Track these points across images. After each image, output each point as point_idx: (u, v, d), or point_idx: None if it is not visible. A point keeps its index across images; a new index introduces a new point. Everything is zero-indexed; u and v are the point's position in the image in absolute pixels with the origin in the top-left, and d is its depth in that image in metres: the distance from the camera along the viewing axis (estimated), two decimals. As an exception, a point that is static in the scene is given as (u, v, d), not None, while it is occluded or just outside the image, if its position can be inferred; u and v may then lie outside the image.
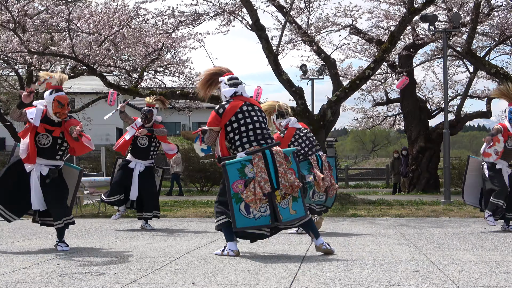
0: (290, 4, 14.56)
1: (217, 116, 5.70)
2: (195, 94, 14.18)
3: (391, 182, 22.25)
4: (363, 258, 5.46)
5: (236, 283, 4.30)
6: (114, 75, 17.89)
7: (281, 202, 5.57)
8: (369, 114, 24.43)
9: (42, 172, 6.34)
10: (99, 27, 13.88)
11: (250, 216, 5.48)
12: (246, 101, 5.77)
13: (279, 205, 5.55)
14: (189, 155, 22.13)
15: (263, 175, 5.48)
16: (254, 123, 5.67)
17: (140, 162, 8.73)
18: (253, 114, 5.72)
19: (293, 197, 5.62)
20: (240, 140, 5.61)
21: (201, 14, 14.90)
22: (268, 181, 5.49)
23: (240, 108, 5.69)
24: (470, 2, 16.62)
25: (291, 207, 5.61)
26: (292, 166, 5.69)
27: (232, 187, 5.47)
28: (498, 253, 5.85)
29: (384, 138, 70.40)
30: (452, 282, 4.31)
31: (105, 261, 5.41)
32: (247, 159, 5.53)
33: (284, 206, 5.58)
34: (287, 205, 5.60)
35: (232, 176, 5.48)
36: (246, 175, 5.50)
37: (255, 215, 5.49)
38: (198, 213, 11.61)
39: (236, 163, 5.51)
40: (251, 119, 5.68)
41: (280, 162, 5.57)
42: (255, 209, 5.48)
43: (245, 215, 5.47)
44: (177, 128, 57.68)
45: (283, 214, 5.55)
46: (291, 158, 5.72)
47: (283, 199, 5.58)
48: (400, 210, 11.77)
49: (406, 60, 18.77)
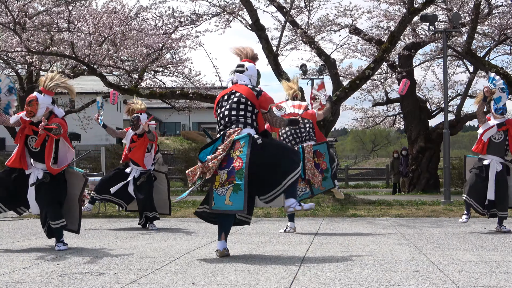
0: (290, 4, 14.56)
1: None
2: (194, 94, 14.18)
3: (391, 182, 22.25)
4: (363, 258, 5.46)
5: (236, 283, 4.30)
6: (114, 75, 17.89)
7: (218, 188, 5.54)
8: (369, 114, 24.43)
9: (39, 176, 6.33)
10: (99, 27, 13.88)
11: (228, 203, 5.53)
12: (233, 89, 5.81)
13: (215, 191, 5.55)
14: (189, 155, 22.13)
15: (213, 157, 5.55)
16: (224, 111, 5.72)
17: (136, 168, 8.81)
18: (229, 101, 5.74)
19: (234, 186, 5.47)
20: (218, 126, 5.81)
21: (201, 14, 14.91)
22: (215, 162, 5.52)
23: (222, 97, 5.84)
24: (470, 2, 16.62)
25: (228, 197, 5.50)
26: (242, 155, 5.50)
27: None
28: (498, 253, 5.85)
29: (384, 138, 70.40)
30: (452, 282, 4.31)
31: (105, 261, 5.41)
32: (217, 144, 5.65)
33: (220, 194, 5.53)
34: (224, 194, 5.51)
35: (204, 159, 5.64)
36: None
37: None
38: (198, 213, 11.59)
39: (208, 148, 5.68)
40: (224, 107, 5.75)
41: (224, 143, 5.55)
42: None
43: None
44: (177, 128, 57.69)
45: (216, 201, 5.53)
46: (244, 147, 5.51)
47: (222, 186, 5.53)
48: (400, 210, 11.77)
49: (406, 60, 18.76)
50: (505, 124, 7.81)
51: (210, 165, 5.54)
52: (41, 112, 6.25)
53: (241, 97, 5.73)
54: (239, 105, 5.71)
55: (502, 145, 7.83)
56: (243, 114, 5.69)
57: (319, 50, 15.78)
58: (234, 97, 5.75)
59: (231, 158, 5.54)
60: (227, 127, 5.68)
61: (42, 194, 6.33)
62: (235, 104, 5.71)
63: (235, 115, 5.69)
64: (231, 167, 5.52)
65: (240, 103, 5.71)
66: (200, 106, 20.09)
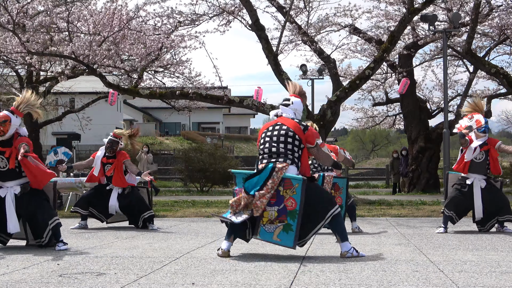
0: (290, 4, 14.56)
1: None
2: (194, 94, 14.18)
3: (391, 182, 22.26)
4: (363, 258, 5.46)
5: (236, 283, 4.30)
6: (114, 75, 17.88)
7: (266, 225, 5.52)
8: (369, 114, 24.43)
9: (15, 192, 6.29)
10: (99, 28, 13.88)
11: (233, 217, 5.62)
12: (279, 121, 5.80)
13: (262, 226, 5.53)
14: (189, 155, 22.13)
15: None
16: (271, 142, 5.69)
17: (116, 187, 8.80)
18: (275, 133, 5.71)
19: (284, 226, 5.46)
20: (258, 156, 5.85)
21: (201, 14, 14.90)
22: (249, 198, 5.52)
23: (267, 129, 5.82)
24: (470, 2, 16.62)
25: (277, 234, 5.50)
26: (295, 196, 5.45)
27: (236, 192, 5.74)
28: (498, 253, 5.85)
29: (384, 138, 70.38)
30: (452, 282, 4.31)
31: (105, 261, 5.41)
32: (252, 173, 5.70)
33: (268, 230, 5.52)
34: (272, 231, 5.51)
35: (238, 183, 5.80)
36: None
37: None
38: (198, 213, 11.61)
39: (243, 174, 5.81)
40: (270, 137, 5.72)
41: (273, 179, 5.48)
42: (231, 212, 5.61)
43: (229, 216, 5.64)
44: (177, 128, 57.70)
45: (261, 235, 5.55)
46: (298, 188, 5.45)
47: (271, 223, 5.51)
48: (400, 210, 11.77)
49: (406, 60, 18.77)
50: (486, 144, 7.82)
51: (258, 204, 5.49)
52: (10, 133, 6.24)
53: (288, 130, 5.68)
54: (286, 138, 5.65)
55: (484, 165, 7.85)
56: (290, 148, 5.63)
57: (319, 50, 15.78)
58: (280, 129, 5.71)
59: (281, 196, 5.51)
60: (273, 158, 5.62)
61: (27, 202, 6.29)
62: (282, 137, 5.66)
63: (283, 147, 5.63)
64: (282, 205, 5.50)
65: (288, 136, 5.66)
66: (200, 106, 20.08)
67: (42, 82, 19.94)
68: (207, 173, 21.28)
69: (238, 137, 60.14)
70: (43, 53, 14.03)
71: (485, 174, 7.89)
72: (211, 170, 21.15)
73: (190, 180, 22.13)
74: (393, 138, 69.55)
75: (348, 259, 5.44)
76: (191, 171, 21.59)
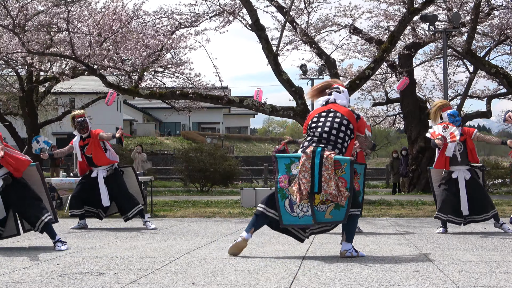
0: (290, 4, 14.56)
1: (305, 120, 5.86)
2: (194, 94, 14.18)
3: (391, 182, 22.27)
4: (363, 258, 5.47)
5: (236, 283, 4.30)
6: (114, 75, 17.89)
7: (319, 206, 5.50)
8: (369, 114, 24.41)
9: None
10: (99, 28, 13.87)
11: (294, 215, 5.53)
12: (332, 108, 5.74)
13: (315, 207, 5.49)
14: (189, 155, 22.14)
15: (306, 175, 5.44)
16: (323, 127, 5.61)
17: (101, 169, 8.77)
18: (328, 119, 5.64)
19: (336, 205, 5.48)
20: (305, 140, 5.69)
21: (201, 14, 14.90)
22: (309, 182, 5.41)
23: (319, 114, 5.73)
24: (470, 2, 16.62)
25: (329, 212, 5.50)
26: (345, 176, 5.45)
27: (279, 181, 5.57)
28: (498, 253, 5.85)
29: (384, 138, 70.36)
30: (452, 282, 4.31)
31: (105, 261, 5.41)
32: (297, 156, 5.56)
33: (320, 210, 5.50)
34: (324, 210, 5.50)
35: (280, 170, 5.60)
36: (291, 171, 5.56)
37: (298, 213, 5.52)
38: (198, 213, 11.61)
39: (286, 158, 5.63)
40: (323, 123, 5.64)
41: (326, 167, 5.41)
42: (297, 207, 5.50)
43: (289, 212, 5.53)
44: (177, 128, 57.72)
45: (317, 215, 5.50)
46: (346, 167, 5.46)
47: (323, 204, 5.50)
48: (400, 210, 11.77)
49: (406, 60, 18.76)
50: (462, 135, 7.79)
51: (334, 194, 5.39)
52: None
53: (343, 118, 5.64)
54: (340, 126, 5.60)
55: (464, 155, 7.81)
56: (342, 137, 5.57)
57: (319, 50, 15.77)
58: (335, 116, 5.64)
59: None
60: (321, 143, 5.53)
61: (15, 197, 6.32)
62: (336, 124, 5.60)
63: (335, 135, 5.57)
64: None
65: (342, 124, 5.61)
66: (200, 106, 20.08)
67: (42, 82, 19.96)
68: (207, 173, 21.29)
69: (238, 137, 60.17)
70: (43, 53, 14.03)
71: (467, 164, 7.83)
72: (211, 170, 21.16)
73: (190, 180, 22.13)
74: (393, 138, 69.56)
75: (348, 259, 5.44)
76: (191, 171, 21.60)
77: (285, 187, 5.54)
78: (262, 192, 13.42)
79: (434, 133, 7.80)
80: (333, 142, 5.55)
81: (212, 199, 15.84)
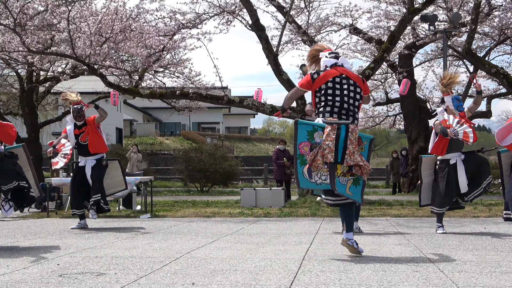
0: (290, 4, 14.56)
1: (309, 80, 5.71)
2: (195, 94, 14.18)
3: (391, 182, 22.26)
4: (363, 258, 5.47)
5: (236, 283, 4.30)
6: (115, 75, 17.88)
7: (340, 177, 5.54)
8: (369, 114, 24.42)
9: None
10: (100, 27, 13.87)
11: (312, 181, 5.56)
12: (343, 73, 5.69)
13: (337, 178, 5.51)
14: (189, 155, 22.14)
15: (330, 144, 5.42)
16: (342, 96, 5.59)
17: (89, 159, 8.79)
18: (345, 87, 5.62)
19: (354, 179, 5.58)
20: (323, 108, 5.60)
21: (201, 14, 14.89)
22: (333, 151, 5.41)
23: (333, 78, 5.65)
24: (470, 2, 16.62)
25: (348, 187, 5.58)
26: (363, 153, 5.65)
27: (299, 147, 5.53)
28: (498, 253, 5.85)
29: (384, 138, 70.36)
30: (452, 282, 4.31)
31: (105, 261, 5.41)
32: (320, 126, 5.53)
33: (342, 182, 5.55)
34: (345, 183, 5.57)
35: (300, 136, 5.54)
36: (313, 138, 5.53)
37: (316, 181, 5.55)
38: (198, 213, 11.61)
39: (308, 125, 5.57)
40: (340, 91, 5.60)
41: (351, 140, 5.48)
42: (316, 174, 5.51)
43: (307, 178, 5.54)
44: (177, 128, 57.72)
45: (338, 187, 5.51)
46: (366, 145, 5.69)
47: (344, 175, 5.55)
48: (400, 210, 11.77)
49: (406, 60, 18.76)
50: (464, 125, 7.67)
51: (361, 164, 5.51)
52: None
53: (356, 86, 5.67)
54: (355, 95, 5.64)
55: (461, 141, 7.66)
56: (357, 106, 5.66)
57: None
58: (349, 84, 5.64)
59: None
60: (343, 115, 5.54)
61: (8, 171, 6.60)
62: (352, 93, 5.62)
63: (353, 105, 5.61)
64: None
65: (357, 92, 5.66)
66: (200, 106, 20.08)
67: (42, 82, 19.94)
68: (207, 173, 21.29)
69: (238, 137, 60.17)
70: (44, 52, 14.03)
71: (461, 150, 7.76)
72: (211, 170, 21.15)
73: (190, 180, 22.14)
74: (393, 138, 69.54)
75: (348, 259, 5.43)
76: (191, 171, 21.60)
77: (306, 154, 5.51)
78: (262, 192, 13.42)
79: (446, 121, 7.62)
80: (353, 112, 5.61)
81: (212, 199, 15.84)
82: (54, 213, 11.95)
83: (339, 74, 5.67)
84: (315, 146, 5.50)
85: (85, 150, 8.78)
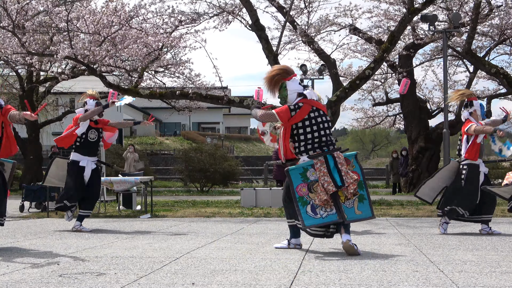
0: (290, 4, 14.56)
1: (288, 113, 5.89)
2: (194, 94, 14.18)
3: (391, 182, 22.27)
4: (363, 258, 5.47)
5: (236, 283, 4.30)
6: (114, 75, 17.88)
7: (346, 202, 5.81)
8: (369, 114, 24.43)
9: None
10: (99, 27, 13.87)
11: (317, 216, 5.76)
12: (313, 106, 5.95)
13: (343, 205, 5.78)
14: (189, 155, 22.14)
15: (326, 178, 5.73)
16: (319, 130, 5.89)
17: (90, 160, 8.46)
18: (319, 120, 5.91)
19: (358, 197, 5.84)
20: (305, 145, 5.88)
21: (201, 14, 14.89)
22: (332, 182, 5.70)
23: (308, 115, 5.89)
24: (470, 2, 16.62)
25: (357, 207, 5.85)
26: (356, 169, 5.95)
27: (297, 191, 5.81)
28: (498, 253, 5.85)
29: (384, 138, 70.37)
30: (452, 282, 4.31)
31: (105, 261, 5.41)
32: (309, 164, 5.82)
33: (349, 206, 5.82)
34: (352, 205, 5.83)
35: (295, 181, 5.84)
36: (308, 178, 5.81)
37: (322, 215, 5.75)
38: (198, 213, 11.61)
39: (299, 168, 5.85)
40: (317, 126, 5.88)
41: (341, 163, 5.80)
42: (320, 209, 5.74)
43: (312, 216, 5.77)
44: (177, 128, 57.69)
45: (347, 213, 5.78)
46: (354, 161, 6.01)
47: (347, 199, 5.80)
48: (400, 210, 11.77)
49: (406, 60, 18.76)
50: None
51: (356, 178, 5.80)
52: None
53: (325, 115, 6.01)
54: (328, 123, 5.98)
55: (483, 148, 7.71)
56: (331, 133, 6.04)
57: (319, 50, 15.77)
58: (321, 116, 5.93)
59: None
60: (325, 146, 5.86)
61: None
62: (326, 124, 5.95)
63: (329, 134, 5.96)
64: None
65: (328, 121, 6.00)
66: (200, 106, 20.08)
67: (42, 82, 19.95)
68: (207, 173, 21.30)
69: (238, 137, 60.14)
70: (43, 54, 14.02)
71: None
72: (211, 170, 21.16)
73: (190, 180, 22.14)
74: (393, 138, 69.55)
75: (348, 259, 5.43)
76: (191, 171, 21.60)
77: (305, 195, 5.78)
78: (262, 192, 13.42)
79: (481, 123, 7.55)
80: (330, 141, 5.95)
81: (212, 199, 15.84)
82: (54, 213, 11.95)
83: (310, 109, 5.92)
84: (312, 184, 5.79)
85: (89, 149, 8.42)
